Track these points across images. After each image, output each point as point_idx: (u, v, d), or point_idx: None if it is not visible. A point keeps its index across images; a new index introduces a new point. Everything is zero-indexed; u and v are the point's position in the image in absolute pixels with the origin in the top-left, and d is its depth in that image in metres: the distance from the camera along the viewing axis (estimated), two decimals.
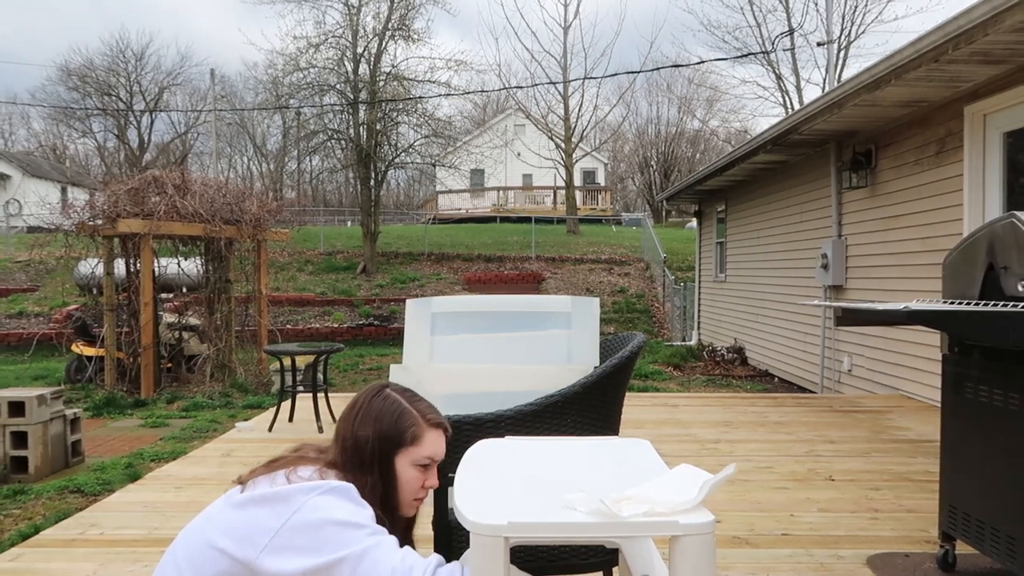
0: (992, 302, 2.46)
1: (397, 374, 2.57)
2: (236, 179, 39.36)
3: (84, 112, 38.18)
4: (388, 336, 14.18)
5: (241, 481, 1.51)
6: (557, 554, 2.04)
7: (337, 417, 5.44)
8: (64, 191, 31.62)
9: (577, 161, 28.26)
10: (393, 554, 1.39)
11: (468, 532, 1.22)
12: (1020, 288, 2.42)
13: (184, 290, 10.12)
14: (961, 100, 5.74)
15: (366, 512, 1.45)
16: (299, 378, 6.34)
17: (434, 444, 1.61)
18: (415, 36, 18.96)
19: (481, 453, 1.67)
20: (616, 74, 36.97)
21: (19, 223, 26.41)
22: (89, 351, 9.17)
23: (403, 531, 1.64)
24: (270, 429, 5.58)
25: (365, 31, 18.76)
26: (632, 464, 1.60)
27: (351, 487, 1.46)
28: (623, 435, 2.13)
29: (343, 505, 1.42)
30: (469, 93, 23.13)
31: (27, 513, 4.37)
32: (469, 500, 1.31)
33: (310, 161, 30.82)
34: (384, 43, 18.80)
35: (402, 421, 1.58)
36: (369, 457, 1.55)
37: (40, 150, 41.35)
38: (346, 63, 18.79)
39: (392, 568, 1.36)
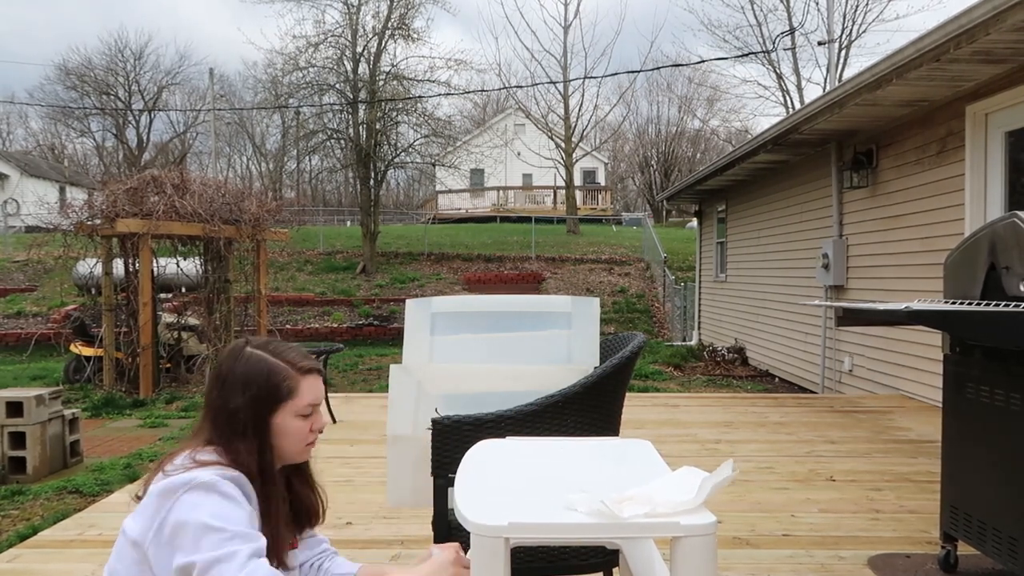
0: (993, 302, 2.45)
1: (397, 374, 2.56)
2: (235, 179, 39.36)
3: (82, 111, 38.19)
4: (388, 336, 14.17)
5: (139, 497, 1.51)
6: (558, 555, 2.03)
7: (336, 417, 5.43)
8: (62, 191, 31.60)
9: (577, 161, 28.26)
10: (238, 571, 1.33)
11: (468, 532, 1.22)
12: (1021, 288, 2.41)
13: (183, 290, 10.11)
14: (963, 99, 5.73)
15: (232, 509, 1.40)
16: None
17: (312, 390, 1.57)
18: (415, 35, 18.96)
19: (481, 453, 1.65)
20: (616, 73, 37.02)
21: (17, 223, 26.41)
22: (88, 351, 9.16)
23: (288, 478, 1.62)
24: None
25: (365, 30, 18.76)
26: (633, 464, 1.59)
27: (218, 481, 1.41)
28: (623, 435, 2.12)
29: (208, 503, 1.38)
30: (469, 92, 23.13)
31: (25, 514, 4.36)
32: (470, 500, 1.30)
33: (309, 161, 30.81)
34: (384, 42, 18.80)
35: (273, 378, 1.52)
36: (243, 425, 1.49)
37: (38, 149, 41.35)
38: (345, 62, 18.79)
39: None
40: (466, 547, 1.45)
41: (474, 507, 1.26)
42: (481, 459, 1.60)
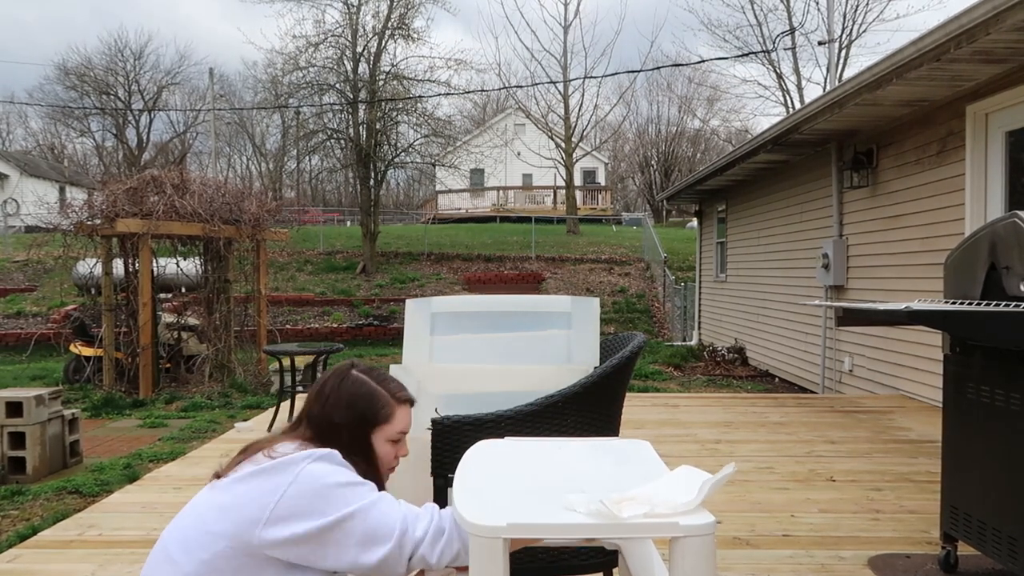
0: (994, 302, 2.45)
1: (397, 374, 2.56)
2: (235, 179, 39.35)
3: (82, 111, 38.17)
4: (388, 336, 14.17)
5: (219, 475, 1.52)
6: (557, 555, 2.03)
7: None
8: (62, 191, 31.59)
9: (577, 161, 28.25)
10: (399, 504, 1.48)
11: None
12: (1022, 288, 2.41)
13: (183, 290, 10.11)
14: (963, 99, 5.73)
15: (358, 478, 1.51)
16: (298, 378, 6.33)
17: (404, 419, 1.68)
18: (415, 35, 18.96)
19: (480, 454, 1.65)
20: (616, 73, 36.97)
21: (17, 223, 26.41)
22: (87, 351, 9.16)
23: None
24: (269, 429, 5.56)
25: (365, 30, 18.76)
26: (633, 465, 1.58)
27: (337, 453, 1.51)
28: (623, 435, 2.11)
29: (338, 470, 1.48)
30: (469, 92, 23.12)
31: (25, 514, 4.36)
32: (468, 501, 1.30)
33: (309, 161, 30.78)
34: (384, 42, 18.80)
35: (375, 403, 1.63)
36: (348, 440, 1.58)
37: (38, 149, 41.35)
38: (345, 62, 18.79)
39: (403, 516, 1.44)
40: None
41: (472, 508, 1.25)
42: (480, 460, 1.60)
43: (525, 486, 1.44)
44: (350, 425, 1.60)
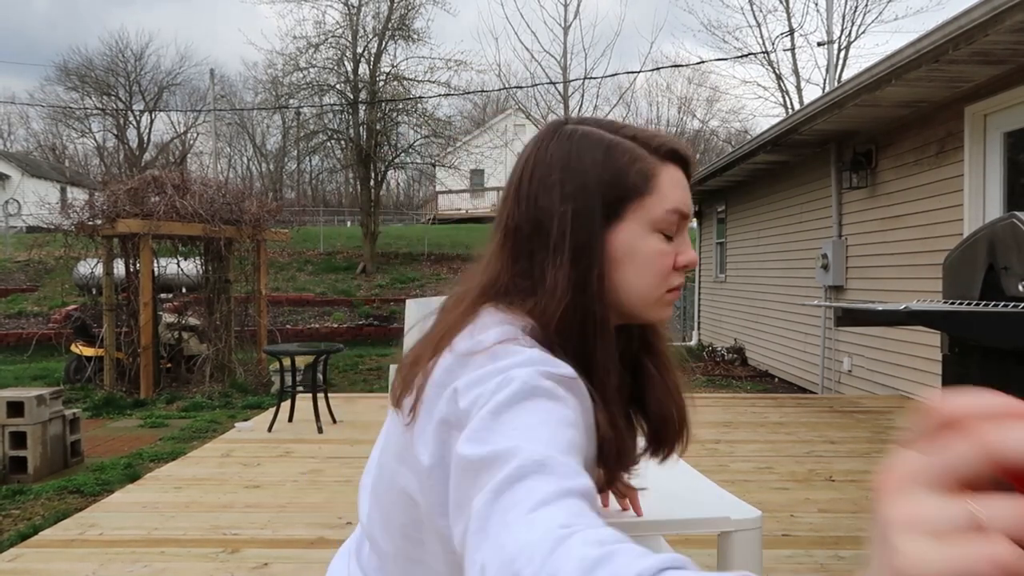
0: (992, 302, 2.46)
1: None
2: (236, 179, 39.32)
3: (83, 112, 38.18)
4: (388, 336, 14.17)
5: (398, 403, 0.87)
6: None
7: (336, 417, 5.35)
8: (63, 191, 31.58)
9: None
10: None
11: None
12: (1020, 288, 2.42)
13: (184, 290, 10.12)
14: (961, 100, 5.74)
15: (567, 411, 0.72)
16: (299, 378, 6.34)
17: (676, 188, 0.89)
18: (415, 36, 19.00)
19: None
20: (616, 74, 37.08)
21: (18, 223, 26.42)
22: (88, 351, 9.16)
23: (636, 353, 1.00)
24: (270, 429, 5.57)
25: (365, 31, 18.80)
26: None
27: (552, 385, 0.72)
28: None
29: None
30: (469, 93, 23.17)
31: (26, 513, 4.37)
32: None
33: (310, 161, 30.80)
34: (384, 43, 18.83)
35: (615, 159, 0.86)
36: (557, 235, 0.84)
37: (39, 150, 41.35)
38: (346, 63, 18.83)
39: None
40: None
41: None
42: None
43: None
44: (571, 205, 0.85)
